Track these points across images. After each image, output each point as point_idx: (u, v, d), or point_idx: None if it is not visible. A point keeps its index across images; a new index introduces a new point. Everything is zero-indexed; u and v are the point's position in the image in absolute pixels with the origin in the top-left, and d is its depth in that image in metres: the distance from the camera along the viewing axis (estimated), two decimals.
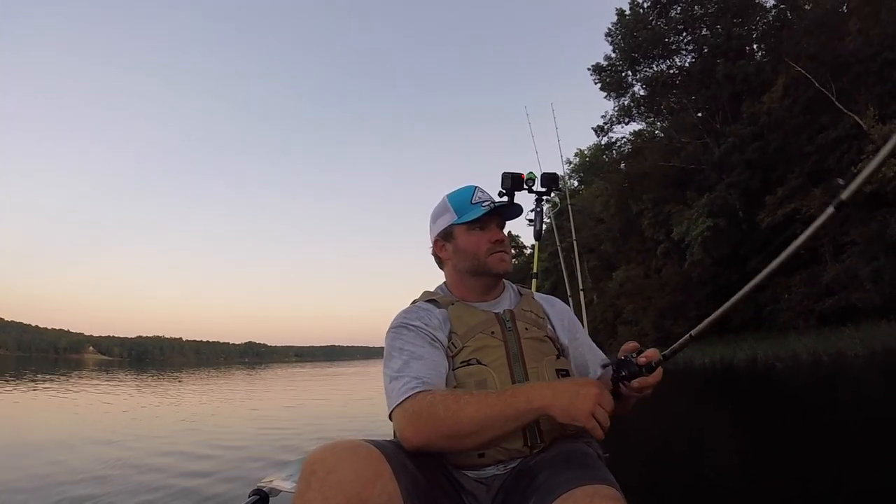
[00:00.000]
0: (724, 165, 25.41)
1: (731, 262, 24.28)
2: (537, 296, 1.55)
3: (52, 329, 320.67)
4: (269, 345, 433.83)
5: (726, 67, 26.61)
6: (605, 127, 34.39)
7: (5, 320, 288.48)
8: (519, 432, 1.20)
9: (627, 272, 31.31)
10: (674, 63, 31.19)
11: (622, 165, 35.70)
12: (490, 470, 1.22)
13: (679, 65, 31.09)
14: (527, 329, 1.36)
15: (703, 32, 29.56)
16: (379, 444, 1.01)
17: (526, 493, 1.07)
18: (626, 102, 33.27)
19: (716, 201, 24.59)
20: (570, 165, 45.23)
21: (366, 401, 13.77)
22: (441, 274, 1.54)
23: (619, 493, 0.98)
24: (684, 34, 30.24)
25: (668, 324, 25.53)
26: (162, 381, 26.04)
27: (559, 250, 6.25)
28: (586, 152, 43.42)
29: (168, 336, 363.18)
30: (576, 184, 47.00)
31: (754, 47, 29.63)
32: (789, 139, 22.85)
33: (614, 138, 35.45)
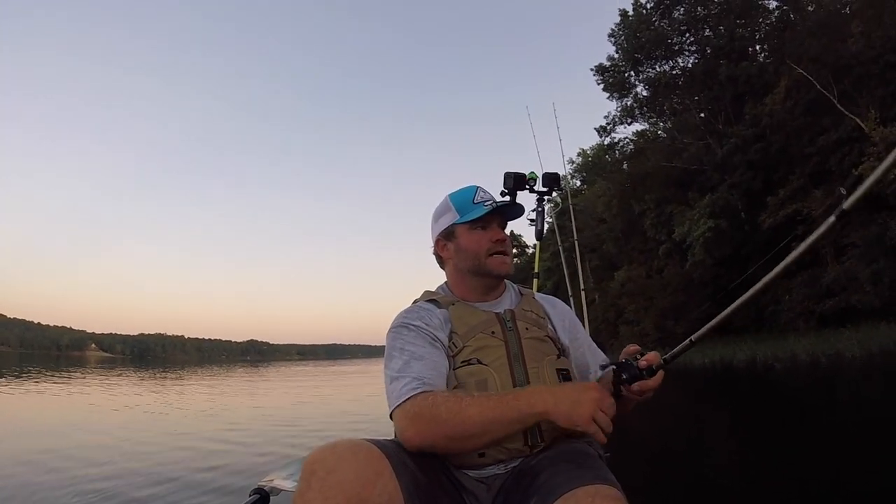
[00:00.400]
0: (727, 166, 25.39)
1: (733, 262, 24.26)
2: (538, 296, 1.55)
3: (55, 326, 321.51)
4: (271, 343, 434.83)
5: (729, 69, 26.53)
6: (608, 127, 34.42)
7: (8, 317, 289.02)
8: (519, 432, 1.19)
9: (629, 272, 31.26)
10: (677, 64, 31.11)
11: (625, 165, 35.68)
12: (491, 469, 1.22)
13: (682, 66, 31.02)
14: (527, 329, 1.36)
15: (706, 33, 29.46)
16: (379, 444, 1.02)
17: (527, 492, 1.07)
18: (628, 103, 33.24)
19: (718, 202, 24.57)
20: (573, 165, 45.26)
21: (367, 400, 13.77)
22: (442, 273, 1.54)
23: (620, 492, 0.98)
24: (687, 35, 30.14)
25: (669, 324, 25.54)
26: (164, 379, 26.07)
27: (561, 250, 6.25)
28: (589, 152, 43.39)
29: (170, 334, 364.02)
30: (578, 183, 46.99)
31: (757, 48, 29.58)
32: (791, 141, 22.82)
33: (617, 138, 35.51)
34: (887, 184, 16.44)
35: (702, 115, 30.22)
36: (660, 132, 34.26)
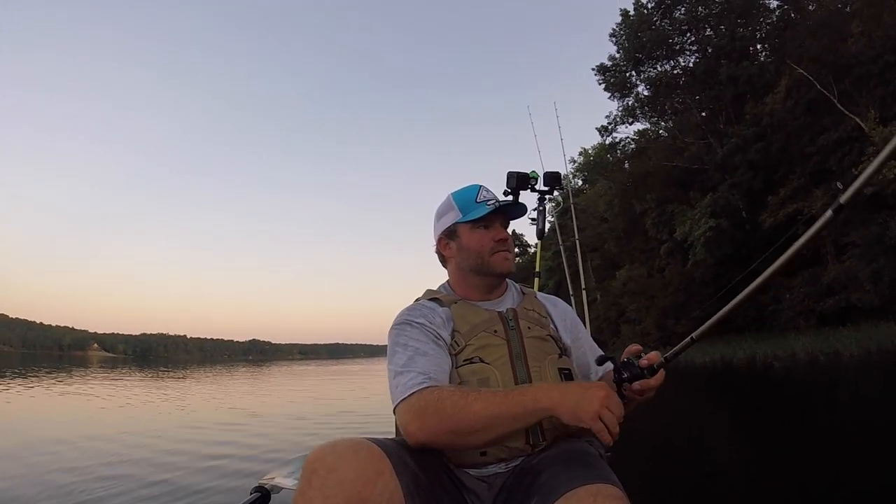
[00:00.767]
0: (727, 166, 25.43)
1: (734, 262, 24.32)
2: (540, 295, 1.55)
3: (57, 326, 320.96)
4: (273, 342, 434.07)
5: (730, 68, 26.58)
6: (609, 127, 34.48)
7: (10, 317, 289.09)
8: (521, 431, 1.19)
9: (631, 271, 31.32)
10: (678, 63, 31.16)
11: (626, 165, 35.70)
12: (492, 468, 1.22)
13: (683, 65, 31.07)
14: (529, 328, 1.36)
15: (707, 33, 29.53)
16: (380, 443, 1.01)
17: (528, 491, 1.07)
18: (630, 102, 33.30)
19: (718, 201, 24.61)
20: (575, 164, 45.29)
21: (368, 399, 13.78)
22: (444, 273, 1.54)
23: (621, 491, 0.97)
24: (688, 35, 30.20)
25: (670, 323, 25.63)
26: (166, 379, 26.08)
27: (562, 249, 6.26)
28: (590, 151, 43.42)
29: (172, 333, 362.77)
30: (580, 183, 47.05)
31: (758, 48, 29.60)
32: (791, 140, 22.89)
33: (618, 138, 35.55)
34: (886, 183, 16.50)
35: (703, 114, 30.28)
36: (661, 132, 34.33)
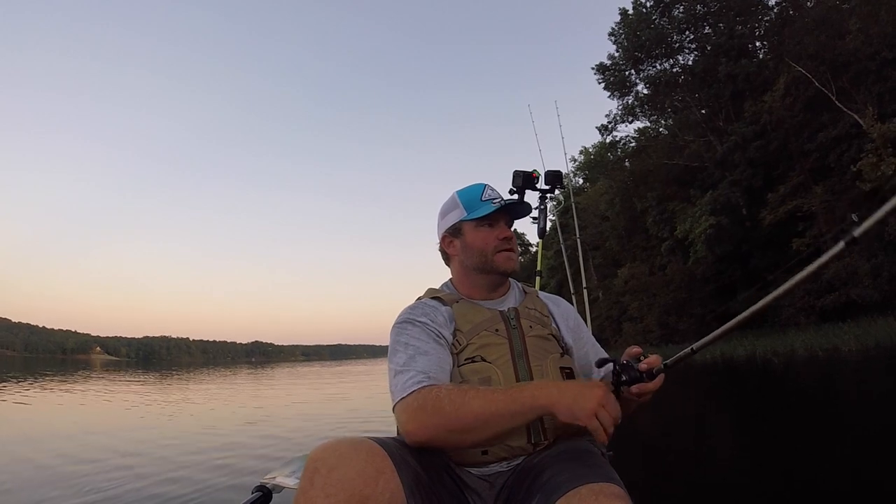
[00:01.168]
0: (727, 163, 25.43)
1: (734, 259, 24.41)
2: (542, 295, 1.54)
3: (60, 330, 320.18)
4: (275, 344, 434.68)
5: (729, 66, 26.60)
6: (610, 125, 34.43)
7: (12, 321, 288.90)
8: (523, 430, 1.19)
9: (632, 269, 31.30)
10: (677, 62, 31.15)
11: (626, 163, 35.67)
12: (494, 467, 1.22)
13: (682, 63, 31.05)
14: (531, 327, 1.36)
15: (705, 31, 29.52)
16: (381, 441, 1.01)
17: (530, 490, 1.07)
18: (629, 101, 33.28)
19: (719, 199, 24.57)
20: (575, 163, 45.30)
21: (369, 399, 13.79)
22: (446, 272, 1.54)
23: (623, 490, 0.97)
24: (687, 33, 30.18)
25: (672, 320, 25.68)
26: (168, 381, 26.11)
27: (563, 248, 6.25)
28: (591, 150, 43.41)
29: (175, 336, 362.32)
30: (581, 181, 47.03)
31: (757, 45, 29.58)
32: (790, 137, 22.89)
33: (618, 136, 35.49)
34: (886, 179, 16.51)
35: (702, 112, 30.26)
36: (661, 130, 34.32)
